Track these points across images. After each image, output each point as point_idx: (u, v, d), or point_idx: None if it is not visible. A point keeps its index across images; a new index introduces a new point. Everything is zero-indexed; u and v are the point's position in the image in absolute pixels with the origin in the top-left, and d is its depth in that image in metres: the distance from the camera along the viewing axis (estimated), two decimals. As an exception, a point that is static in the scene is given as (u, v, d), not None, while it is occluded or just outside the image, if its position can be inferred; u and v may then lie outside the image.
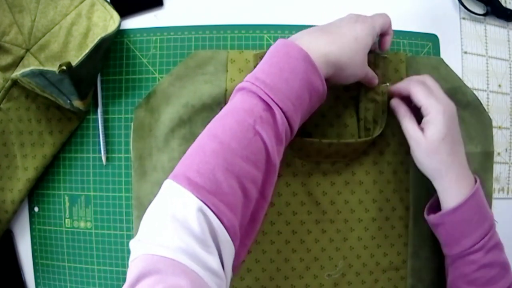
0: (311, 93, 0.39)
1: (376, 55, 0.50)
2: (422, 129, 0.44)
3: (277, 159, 0.36)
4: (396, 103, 0.48)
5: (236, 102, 0.36)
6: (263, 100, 0.36)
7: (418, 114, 0.46)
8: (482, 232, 0.44)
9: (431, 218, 0.47)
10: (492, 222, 0.45)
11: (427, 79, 0.47)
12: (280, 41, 0.40)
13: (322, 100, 0.42)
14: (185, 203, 0.31)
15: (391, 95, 0.49)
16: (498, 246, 0.45)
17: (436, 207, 0.47)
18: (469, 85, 0.55)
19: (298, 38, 0.40)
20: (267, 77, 0.36)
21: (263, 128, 0.34)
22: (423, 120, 0.45)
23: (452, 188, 0.45)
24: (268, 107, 0.36)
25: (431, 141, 0.43)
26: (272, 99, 0.36)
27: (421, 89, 0.45)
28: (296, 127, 0.38)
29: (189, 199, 0.31)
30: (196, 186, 0.31)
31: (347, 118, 0.51)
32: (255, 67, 0.50)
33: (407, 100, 0.47)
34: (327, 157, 0.50)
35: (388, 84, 0.50)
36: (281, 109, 0.36)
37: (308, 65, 0.38)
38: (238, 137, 0.34)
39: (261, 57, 0.50)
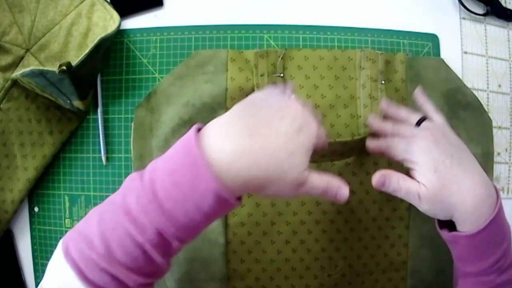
0: (216, 218, 0.34)
1: (373, 52, 0.50)
2: (412, 177, 0.40)
3: (166, 267, 0.34)
4: (380, 179, 0.41)
5: (132, 206, 0.31)
6: (157, 228, 0.31)
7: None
8: (500, 255, 0.39)
9: (444, 235, 0.42)
10: (509, 240, 0.41)
11: (399, 111, 0.45)
12: (190, 147, 0.31)
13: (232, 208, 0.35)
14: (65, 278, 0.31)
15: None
16: None
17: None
18: (469, 85, 0.55)
19: (212, 147, 0.31)
20: (167, 202, 0.31)
21: (152, 251, 0.31)
22: (410, 172, 0.41)
23: (474, 214, 0.39)
24: (161, 235, 0.32)
25: (427, 184, 0.39)
26: (167, 229, 0.31)
27: (395, 146, 0.42)
28: (194, 238, 0.34)
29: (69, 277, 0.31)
30: (85, 277, 0.30)
31: (347, 118, 0.51)
32: (255, 66, 0.50)
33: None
34: (324, 156, 0.50)
35: (383, 81, 0.50)
36: (176, 237, 0.32)
37: (218, 204, 0.31)
38: (126, 250, 0.31)
39: (261, 56, 0.50)
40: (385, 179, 0.41)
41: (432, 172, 0.39)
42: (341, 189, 0.37)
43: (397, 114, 0.47)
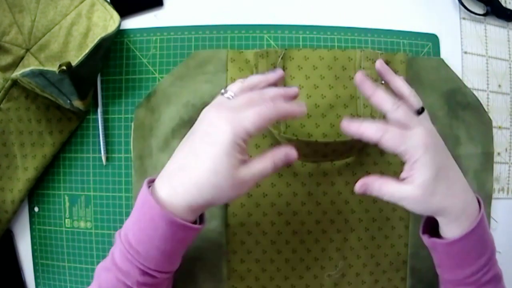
0: (188, 242, 0.39)
1: (373, 51, 0.50)
2: (404, 179, 0.39)
3: None
4: (362, 187, 0.41)
5: (118, 260, 0.38)
6: (139, 268, 0.37)
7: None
8: (477, 267, 0.40)
9: (425, 240, 0.43)
10: (491, 254, 0.41)
11: (400, 107, 0.40)
12: (145, 198, 0.36)
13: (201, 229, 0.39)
14: None
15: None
16: (495, 278, 0.41)
17: (432, 222, 0.43)
18: (469, 85, 0.55)
19: (160, 187, 0.37)
20: (139, 245, 0.37)
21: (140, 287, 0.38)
22: (405, 168, 0.39)
23: (457, 220, 0.39)
24: (144, 273, 0.37)
25: (424, 187, 0.37)
26: (147, 267, 0.37)
27: (391, 136, 0.38)
28: (178, 262, 0.40)
29: None
30: None
31: (343, 111, 0.51)
32: (255, 66, 0.50)
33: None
34: (325, 156, 0.50)
35: (383, 82, 0.50)
36: (157, 270, 0.38)
37: (177, 230, 0.36)
38: None
39: (261, 55, 0.50)
40: (366, 188, 0.40)
41: (432, 175, 0.37)
42: (289, 154, 0.38)
43: (396, 85, 0.43)
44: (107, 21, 0.51)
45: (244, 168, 0.36)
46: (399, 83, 0.43)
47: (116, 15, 0.50)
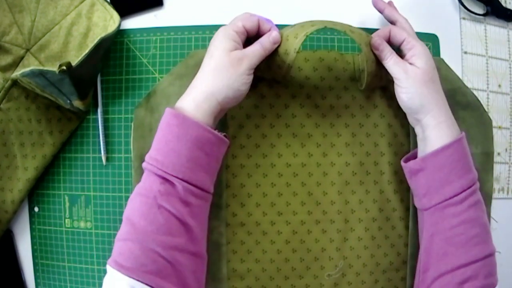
0: (204, 148, 0.41)
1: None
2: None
3: (189, 219, 0.40)
4: (377, 40, 0.45)
5: (141, 183, 0.40)
6: (159, 176, 0.39)
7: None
8: (464, 183, 0.42)
9: (411, 164, 0.45)
10: (475, 176, 0.43)
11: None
12: (164, 114, 0.41)
13: (227, 144, 0.43)
14: (118, 285, 0.36)
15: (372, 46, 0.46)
16: (481, 204, 0.43)
17: (414, 158, 0.46)
18: (469, 85, 0.55)
19: (178, 101, 0.42)
20: (158, 154, 0.40)
21: (164, 200, 0.38)
22: (408, 55, 0.44)
23: (436, 128, 0.43)
24: (165, 180, 0.39)
25: (425, 68, 0.43)
26: (166, 172, 0.39)
27: (401, 29, 0.46)
28: (204, 181, 0.41)
29: (121, 281, 0.36)
30: (122, 266, 0.37)
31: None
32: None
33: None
34: (323, 78, 0.50)
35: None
36: (176, 177, 0.39)
37: (188, 127, 0.40)
38: (145, 215, 0.38)
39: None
40: (381, 43, 0.45)
41: (432, 65, 0.44)
42: (273, 36, 0.44)
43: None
44: (107, 21, 0.51)
45: (237, 51, 0.42)
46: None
47: (116, 15, 0.50)
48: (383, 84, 0.51)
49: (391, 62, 0.44)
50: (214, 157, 0.42)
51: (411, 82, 0.43)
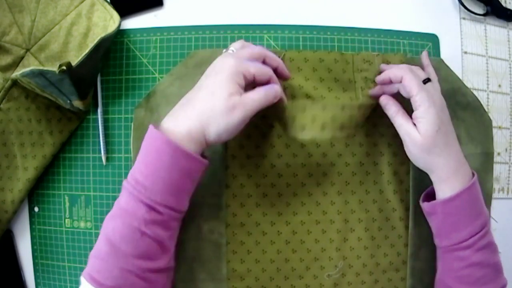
0: (191, 176, 0.40)
1: (369, 53, 0.50)
2: (414, 124, 0.44)
3: (168, 241, 0.40)
4: (386, 100, 0.47)
5: (123, 203, 0.39)
6: (146, 204, 0.38)
7: (406, 106, 0.46)
8: (472, 230, 0.43)
9: (425, 206, 0.47)
10: (485, 221, 0.44)
11: (418, 69, 0.47)
12: (151, 133, 0.39)
13: (207, 167, 0.42)
14: None
15: (381, 78, 0.48)
16: (490, 246, 0.44)
17: (432, 195, 0.47)
18: (469, 85, 0.55)
19: (165, 122, 0.40)
20: (145, 180, 0.38)
21: (148, 228, 0.38)
22: (414, 114, 0.44)
23: (449, 179, 0.44)
24: (151, 208, 0.38)
25: (426, 136, 0.43)
26: (154, 201, 0.38)
27: (414, 77, 0.44)
28: (186, 205, 0.41)
29: None
30: (98, 283, 0.37)
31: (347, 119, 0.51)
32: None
33: (394, 95, 0.47)
34: (323, 127, 0.45)
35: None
36: (164, 205, 0.39)
37: (180, 157, 0.38)
38: (127, 240, 0.38)
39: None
40: (386, 104, 0.46)
41: (434, 129, 0.43)
42: (277, 89, 0.42)
43: (397, 73, 0.48)
44: (107, 21, 0.51)
45: (238, 96, 0.39)
46: (396, 70, 0.47)
47: (116, 15, 0.50)
48: None
49: (397, 124, 0.46)
50: (198, 181, 0.42)
51: (413, 147, 0.45)
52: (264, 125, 0.51)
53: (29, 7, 0.53)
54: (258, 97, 0.40)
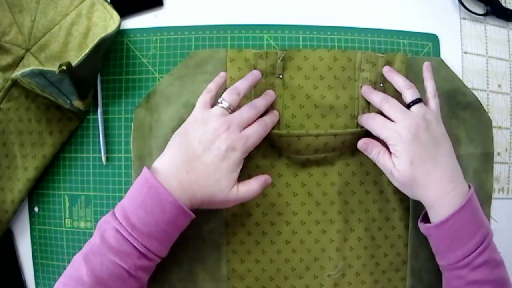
0: (182, 228, 0.43)
1: (373, 54, 0.50)
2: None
3: (148, 280, 0.43)
4: (365, 146, 0.48)
5: (112, 241, 0.39)
6: (139, 251, 0.39)
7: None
8: (467, 250, 0.42)
9: (421, 227, 0.47)
10: (484, 235, 0.43)
11: (385, 100, 0.47)
12: (153, 184, 0.40)
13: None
14: None
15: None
16: (489, 262, 0.43)
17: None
18: (469, 85, 0.55)
19: (170, 181, 0.41)
20: (145, 227, 0.39)
21: (136, 272, 0.40)
22: (391, 151, 0.46)
23: (436, 204, 0.44)
24: (144, 256, 0.40)
25: (401, 171, 0.44)
26: (149, 250, 0.40)
27: (376, 123, 0.46)
28: (168, 250, 0.43)
29: None
30: None
31: (347, 119, 0.51)
32: (254, 66, 0.50)
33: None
34: (316, 151, 0.50)
35: (382, 84, 0.51)
36: (156, 255, 0.41)
37: (181, 215, 0.41)
38: (114, 277, 0.39)
39: (260, 56, 0.50)
40: (367, 146, 0.47)
41: (407, 163, 0.44)
42: (266, 181, 0.46)
43: (395, 82, 0.49)
44: (107, 21, 0.51)
45: (234, 189, 0.43)
46: (395, 78, 0.49)
47: (116, 15, 0.50)
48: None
49: (379, 165, 0.47)
50: (181, 231, 0.44)
51: (395, 182, 0.46)
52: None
53: (29, 7, 0.53)
54: (251, 190, 0.45)
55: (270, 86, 0.50)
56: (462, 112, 0.53)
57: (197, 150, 0.43)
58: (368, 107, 0.51)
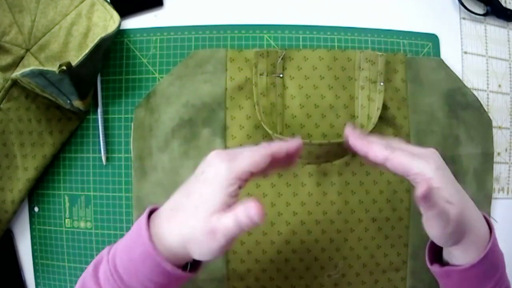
0: (170, 285, 0.36)
1: (372, 53, 0.51)
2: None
3: None
4: (423, 193, 0.34)
5: (101, 277, 0.36)
6: None
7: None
8: (493, 284, 0.39)
9: (436, 269, 0.41)
10: (501, 274, 0.40)
11: (395, 143, 0.39)
12: (140, 232, 0.35)
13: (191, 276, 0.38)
14: None
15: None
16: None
17: (437, 248, 0.42)
18: (469, 85, 0.55)
19: (159, 226, 0.35)
20: (124, 273, 0.35)
21: None
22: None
23: (483, 237, 0.38)
24: None
25: (458, 203, 0.36)
26: None
27: (404, 157, 0.36)
28: None
29: None
30: None
31: (347, 118, 0.51)
32: (255, 65, 0.50)
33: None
34: (318, 157, 0.50)
35: (382, 83, 0.51)
36: None
37: (161, 273, 0.34)
38: None
39: (261, 55, 0.50)
40: (429, 191, 0.34)
41: (456, 191, 0.37)
42: (249, 209, 0.32)
43: (373, 151, 0.39)
44: (107, 21, 0.51)
45: (219, 217, 0.33)
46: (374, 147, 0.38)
47: (116, 15, 0.50)
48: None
49: (436, 210, 0.36)
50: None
51: (451, 227, 0.36)
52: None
53: (29, 7, 0.53)
54: (230, 221, 0.33)
55: (271, 85, 0.51)
56: (462, 112, 0.53)
57: (184, 202, 0.36)
58: (368, 106, 0.51)
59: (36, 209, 0.55)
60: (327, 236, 0.51)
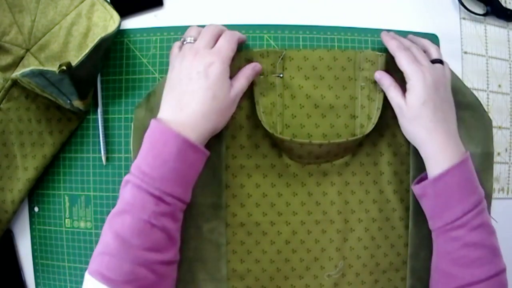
0: (196, 166, 0.43)
1: (372, 53, 0.50)
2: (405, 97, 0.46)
3: (176, 233, 0.42)
4: (380, 75, 0.49)
5: (129, 198, 0.39)
6: (155, 196, 0.39)
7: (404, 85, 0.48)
8: (466, 207, 0.42)
9: (415, 188, 0.47)
10: (479, 199, 0.44)
11: (413, 47, 0.49)
12: (155, 127, 0.42)
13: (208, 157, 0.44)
14: None
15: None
16: (485, 227, 0.43)
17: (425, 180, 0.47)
18: (469, 85, 0.55)
19: (165, 114, 0.43)
20: (153, 171, 0.39)
21: (158, 220, 0.39)
22: (406, 87, 0.46)
23: (436, 156, 0.44)
24: (160, 200, 0.39)
25: (410, 106, 0.45)
26: (164, 191, 0.39)
27: (405, 55, 0.47)
28: (189, 195, 0.43)
29: None
30: (109, 280, 0.37)
31: (347, 118, 0.51)
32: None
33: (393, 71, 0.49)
34: (318, 157, 0.50)
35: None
36: (173, 196, 0.40)
37: (187, 149, 0.41)
38: (137, 233, 0.38)
39: (261, 55, 0.50)
40: (381, 77, 0.49)
41: (420, 101, 0.44)
42: (254, 67, 0.48)
43: (419, 41, 0.51)
44: (107, 21, 0.51)
45: (231, 90, 0.44)
46: (420, 40, 0.52)
47: (116, 15, 0.50)
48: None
49: (389, 96, 0.48)
50: (199, 172, 0.44)
51: (401, 118, 0.47)
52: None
53: (29, 7, 0.53)
54: (242, 83, 0.46)
55: (270, 85, 0.51)
56: (462, 112, 0.53)
57: (182, 86, 0.43)
58: (369, 106, 0.51)
59: (36, 209, 0.55)
60: (327, 236, 0.51)
